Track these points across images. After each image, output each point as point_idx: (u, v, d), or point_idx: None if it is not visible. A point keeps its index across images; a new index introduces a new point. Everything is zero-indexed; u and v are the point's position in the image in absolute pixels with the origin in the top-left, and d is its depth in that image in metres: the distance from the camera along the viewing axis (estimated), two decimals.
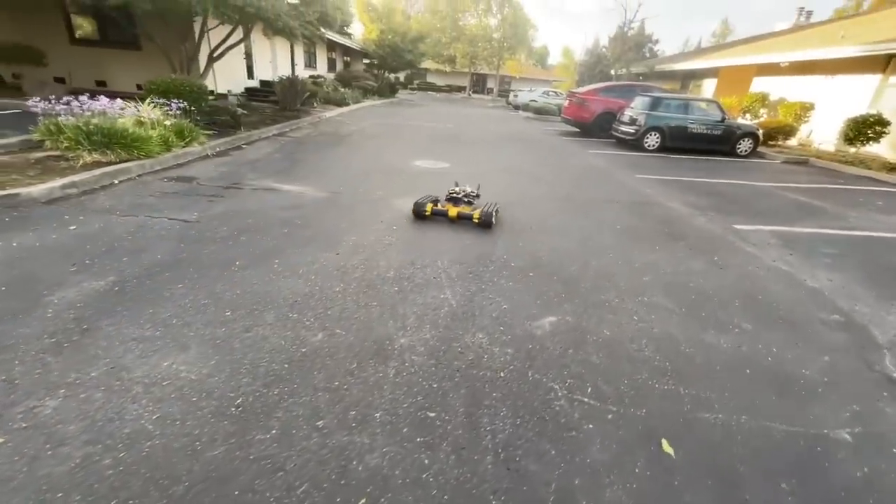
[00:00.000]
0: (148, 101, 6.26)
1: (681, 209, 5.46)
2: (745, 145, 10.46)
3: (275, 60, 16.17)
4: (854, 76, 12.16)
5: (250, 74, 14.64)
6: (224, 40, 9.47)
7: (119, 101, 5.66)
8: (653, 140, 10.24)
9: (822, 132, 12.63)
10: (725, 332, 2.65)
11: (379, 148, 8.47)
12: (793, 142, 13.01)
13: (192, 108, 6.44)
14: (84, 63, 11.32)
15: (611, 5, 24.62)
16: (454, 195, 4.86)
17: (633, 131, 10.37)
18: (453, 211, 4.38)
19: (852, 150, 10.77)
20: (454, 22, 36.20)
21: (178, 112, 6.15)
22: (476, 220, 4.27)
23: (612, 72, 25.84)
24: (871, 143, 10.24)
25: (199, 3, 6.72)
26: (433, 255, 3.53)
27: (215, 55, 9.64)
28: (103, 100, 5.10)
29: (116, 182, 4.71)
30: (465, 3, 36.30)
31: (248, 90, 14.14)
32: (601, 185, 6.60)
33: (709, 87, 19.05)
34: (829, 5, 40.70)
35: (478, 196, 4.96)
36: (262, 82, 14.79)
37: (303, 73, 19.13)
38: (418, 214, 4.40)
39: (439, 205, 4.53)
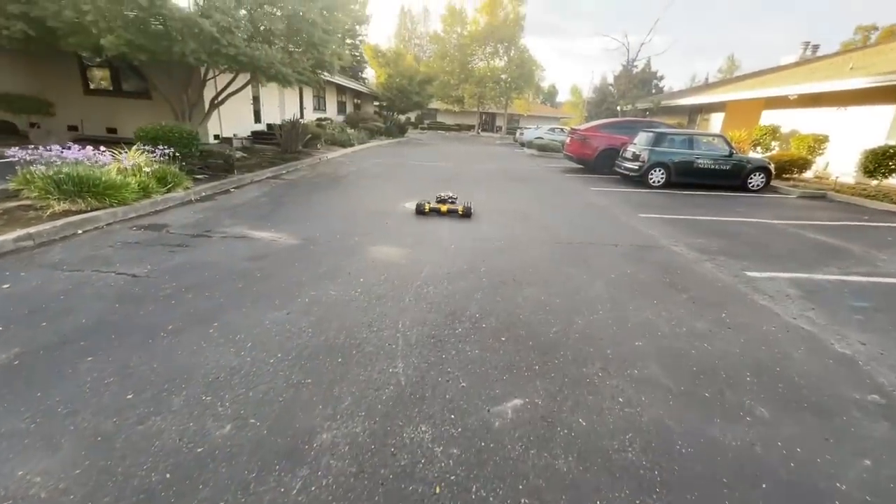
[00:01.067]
0: (135, 147, 6.25)
1: (686, 253, 4.97)
2: (756, 180, 9.98)
3: (283, 105, 16.68)
4: (869, 107, 11.74)
5: (258, 119, 15.04)
6: (225, 87, 9.69)
7: (102, 148, 5.63)
8: (657, 176, 9.86)
9: (839, 164, 12.08)
10: (735, 422, 2.13)
11: (371, 189, 8.30)
12: (808, 174, 12.47)
13: (177, 155, 6.36)
14: (96, 112, 11.75)
15: (613, 45, 25.15)
16: (441, 199, 6.75)
17: (636, 167, 10.04)
18: (444, 207, 6.25)
19: (874, 182, 10.18)
20: (463, 65, 37.48)
21: (162, 158, 6.07)
22: (461, 213, 6.18)
23: (619, 108, 25.99)
24: (893, 175, 9.65)
25: (193, 53, 6.83)
26: (395, 314, 3.12)
27: (217, 101, 9.85)
28: (76, 149, 5.03)
29: (80, 232, 4.52)
30: (472, 47, 37.70)
31: (255, 133, 14.47)
32: (599, 227, 6.18)
33: (716, 121, 18.81)
34: (833, 39, 41.00)
35: (455, 198, 6.83)
36: (269, 126, 15.14)
37: (311, 116, 19.72)
38: (420, 211, 6.21)
39: (432, 204, 6.36)
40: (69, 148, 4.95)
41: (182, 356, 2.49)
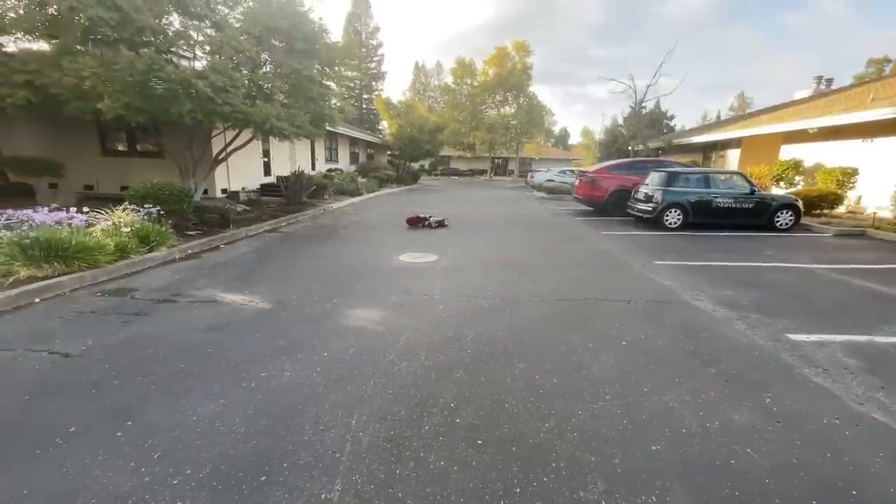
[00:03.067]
0: (122, 207, 6.12)
1: (712, 310, 4.28)
2: (784, 218, 9.22)
3: (293, 157, 17.05)
4: None
5: (268, 171, 15.32)
6: (230, 143, 9.82)
7: (86, 209, 5.49)
8: (674, 217, 9.24)
9: (873, 197, 11.23)
10: None
11: (367, 241, 7.95)
12: (840, 210, 11.61)
13: (162, 213, 6.20)
14: (111, 171, 12.12)
15: (620, 89, 25.52)
16: (429, 219, 9.36)
17: (650, 209, 9.47)
18: (431, 222, 9.27)
19: None
20: (473, 114, 38.62)
21: (145, 217, 5.89)
22: (444, 224, 9.44)
23: (630, 148, 25.82)
24: None
25: (189, 113, 6.87)
26: (352, 404, 2.56)
27: (221, 157, 9.96)
28: (44, 211, 4.85)
29: (37, 301, 4.20)
30: (482, 97, 39.02)
31: (264, 186, 14.65)
32: (610, 278, 5.56)
33: (732, 158, 18.25)
34: (843, 73, 40.73)
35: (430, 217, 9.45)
36: (279, 178, 15.37)
37: (323, 167, 20.15)
38: (411, 225, 9.27)
39: (425, 223, 9.30)
40: (36, 210, 4.78)
41: (66, 475, 1.97)
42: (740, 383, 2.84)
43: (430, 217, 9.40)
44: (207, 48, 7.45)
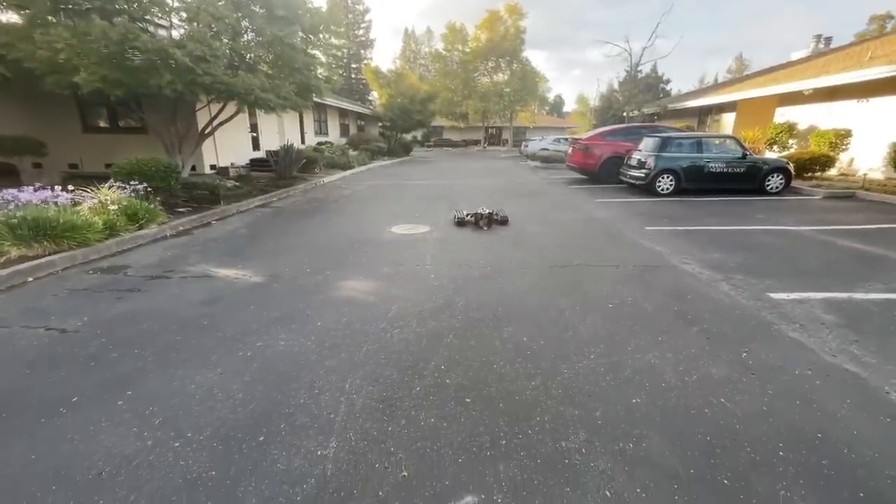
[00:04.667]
0: (108, 184, 6.03)
1: (698, 273, 4.37)
2: (775, 181, 9.25)
3: (282, 131, 16.68)
4: (893, 97, 10.92)
5: (256, 146, 15.01)
6: (215, 117, 9.57)
7: (70, 187, 5.41)
8: (666, 183, 9.24)
9: (865, 159, 11.25)
10: None
11: (359, 214, 7.93)
12: (832, 172, 11.63)
13: (150, 189, 6.12)
14: (94, 149, 11.83)
15: (615, 52, 24.90)
16: (476, 214, 6.76)
17: (642, 175, 9.45)
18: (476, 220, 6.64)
19: None
20: (466, 82, 37.56)
21: (131, 194, 5.82)
22: (499, 221, 6.69)
23: (625, 114, 25.42)
24: None
25: (169, 84, 6.66)
26: (346, 369, 2.64)
27: (207, 132, 9.73)
28: (29, 190, 4.78)
29: (29, 280, 4.21)
30: (474, 63, 37.85)
31: (254, 161, 14.40)
32: (600, 245, 5.62)
33: (728, 122, 18.06)
34: (845, 32, 39.74)
35: (486, 213, 6.77)
36: (269, 152, 15.09)
37: (313, 140, 19.76)
38: (458, 223, 6.69)
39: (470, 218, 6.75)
40: (22, 189, 4.71)
41: (72, 442, 2.05)
42: (720, 340, 2.95)
43: (489, 211, 6.78)
44: (184, 15, 7.13)
